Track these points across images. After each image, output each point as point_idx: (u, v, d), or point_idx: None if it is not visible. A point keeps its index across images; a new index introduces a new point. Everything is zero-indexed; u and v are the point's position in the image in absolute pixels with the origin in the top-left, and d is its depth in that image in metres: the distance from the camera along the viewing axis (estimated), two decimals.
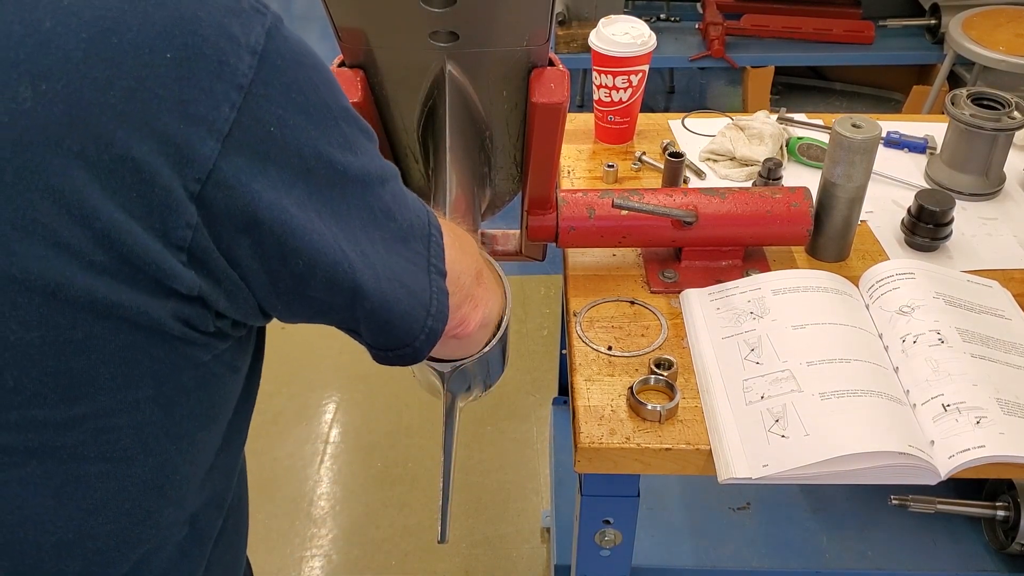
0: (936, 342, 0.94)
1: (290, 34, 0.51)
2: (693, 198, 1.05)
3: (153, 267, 0.46)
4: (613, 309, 1.05)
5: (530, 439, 2.07)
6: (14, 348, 0.45)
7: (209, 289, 0.50)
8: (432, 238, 0.61)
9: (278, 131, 0.49)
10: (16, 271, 0.43)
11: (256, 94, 0.47)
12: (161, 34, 0.45)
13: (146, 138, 0.44)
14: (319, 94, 0.52)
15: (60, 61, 0.43)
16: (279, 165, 0.49)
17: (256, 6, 0.49)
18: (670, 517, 1.35)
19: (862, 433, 0.84)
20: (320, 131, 0.51)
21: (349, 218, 0.54)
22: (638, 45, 1.26)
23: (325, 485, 1.98)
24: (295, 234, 0.51)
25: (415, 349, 0.62)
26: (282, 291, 0.53)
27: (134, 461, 0.52)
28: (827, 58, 2.93)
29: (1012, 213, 1.22)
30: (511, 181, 1.01)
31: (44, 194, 0.43)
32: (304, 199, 0.51)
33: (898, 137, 1.35)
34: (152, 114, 0.44)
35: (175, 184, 0.45)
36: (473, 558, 1.82)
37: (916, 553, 1.30)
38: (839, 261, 1.13)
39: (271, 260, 0.51)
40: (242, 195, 0.48)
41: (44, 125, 0.42)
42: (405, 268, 0.59)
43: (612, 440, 0.88)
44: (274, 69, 0.48)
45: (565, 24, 2.78)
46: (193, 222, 0.47)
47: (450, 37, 0.78)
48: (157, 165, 0.45)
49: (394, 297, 0.58)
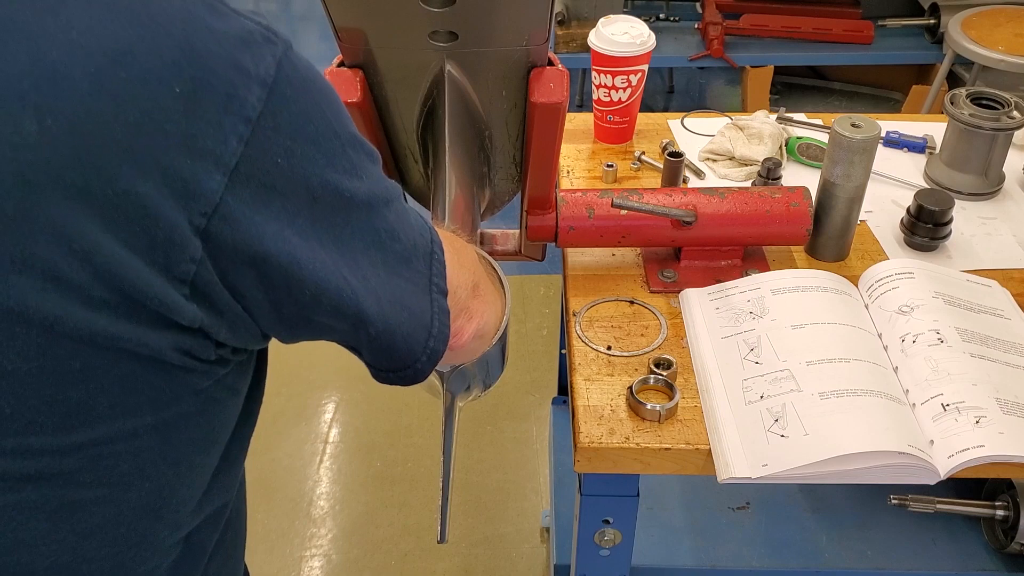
0: (935, 342, 0.94)
1: (299, 60, 0.50)
2: (692, 198, 1.05)
3: (155, 301, 0.46)
4: (612, 309, 1.05)
5: (530, 439, 2.07)
6: (11, 377, 0.45)
7: (211, 321, 0.49)
8: (434, 255, 0.61)
9: (285, 161, 0.48)
10: (13, 303, 0.43)
11: (264, 126, 0.47)
12: (170, 67, 0.44)
13: (151, 173, 0.44)
14: (327, 121, 0.51)
15: (66, 95, 0.42)
16: (285, 195, 0.49)
17: (268, 35, 0.49)
18: (670, 517, 1.35)
19: (861, 433, 0.84)
20: (327, 159, 0.51)
21: (353, 244, 0.54)
22: (637, 45, 1.26)
23: (325, 485, 1.98)
24: (300, 265, 0.50)
25: (416, 370, 0.62)
26: (286, 319, 0.53)
27: (131, 486, 0.52)
28: (826, 58, 2.93)
29: (1011, 213, 1.22)
30: (510, 181, 1.01)
31: (44, 228, 0.42)
32: (308, 228, 0.50)
33: (897, 137, 1.35)
34: (158, 149, 0.44)
35: (180, 219, 0.45)
36: (473, 558, 1.83)
37: (915, 553, 1.30)
38: (838, 261, 1.13)
39: (276, 291, 0.51)
40: (248, 228, 0.47)
41: (47, 160, 0.42)
42: (407, 290, 0.58)
43: (612, 440, 0.89)
44: (283, 99, 0.48)
45: (564, 24, 2.78)
46: (197, 256, 0.46)
47: (449, 37, 0.78)
48: (161, 200, 0.44)
49: (396, 321, 0.58)
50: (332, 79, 0.84)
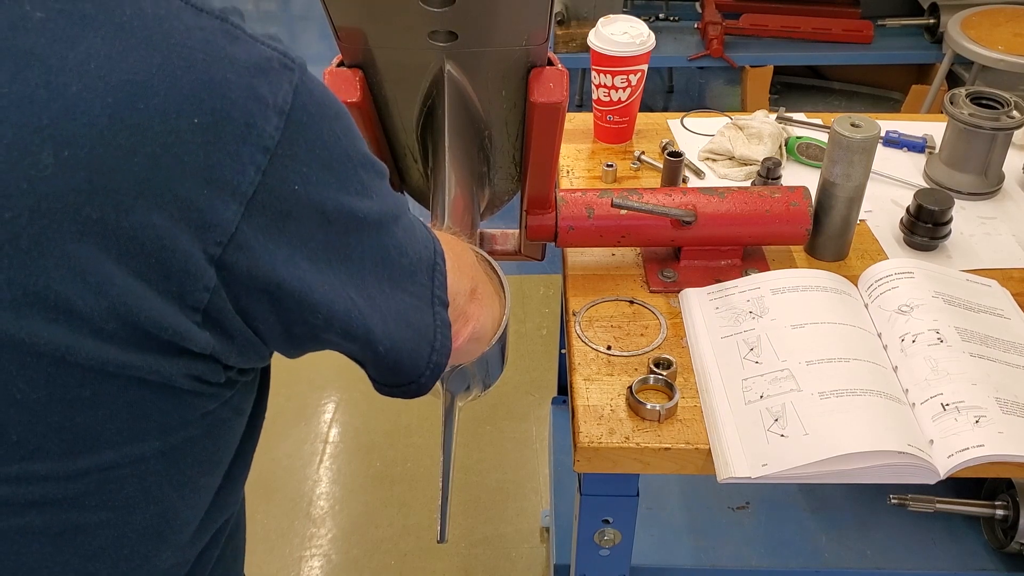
0: (935, 341, 0.94)
1: (314, 84, 0.50)
2: (692, 198, 1.05)
3: (168, 331, 0.46)
4: (612, 309, 1.05)
5: (529, 439, 2.07)
6: (19, 405, 0.45)
7: (222, 347, 0.49)
8: (436, 267, 0.61)
9: (302, 188, 0.48)
10: (24, 335, 0.43)
11: (282, 155, 0.47)
12: (189, 98, 0.44)
13: (167, 205, 0.44)
14: (341, 145, 0.51)
15: (84, 127, 0.41)
16: (299, 221, 0.49)
17: (285, 62, 0.48)
18: (669, 516, 1.35)
19: (861, 432, 0.84)
20: (340, 182, 0.51)
21: (363, 263, 0.54)
22: (637, 45, 1.26)
23: (324, 485, 1.98)
24: (312, 289, 0.51)
25: (419, 385, 0.62)
26: (296, 341, 0.54)
27: (135, 509, 0.52)
28: (826, 57, 2.93)
29: (1011, 212, 1.22)
30: (510, 180, 1.01)
31: (58, 262, 0.42)
32: (320, 251, 0.51)
33: (897, 136, 1.35)
34: (175, 180, 0.44)
35: (195, 249, 0.45)
36: (472, 558, 1.82)
37: (915, 552, 1.30)
38: (838, 260, 1.13)
39: (288, 315, 0.51)
40: (262, 255, 0.48)
41: (63, 193, 0.41)
42: (411, 306, 0.59)
43: (611, 440, 0.89)
44: (300, 127, 0.48)
45: (564, 24, 2.78)
46: (212, 285, 0.46)
47: (449, 37, 0.78)
48: (177, 232, 0.44)
49: (402, 338, 0.58)
50: (332, 79, 0.84)
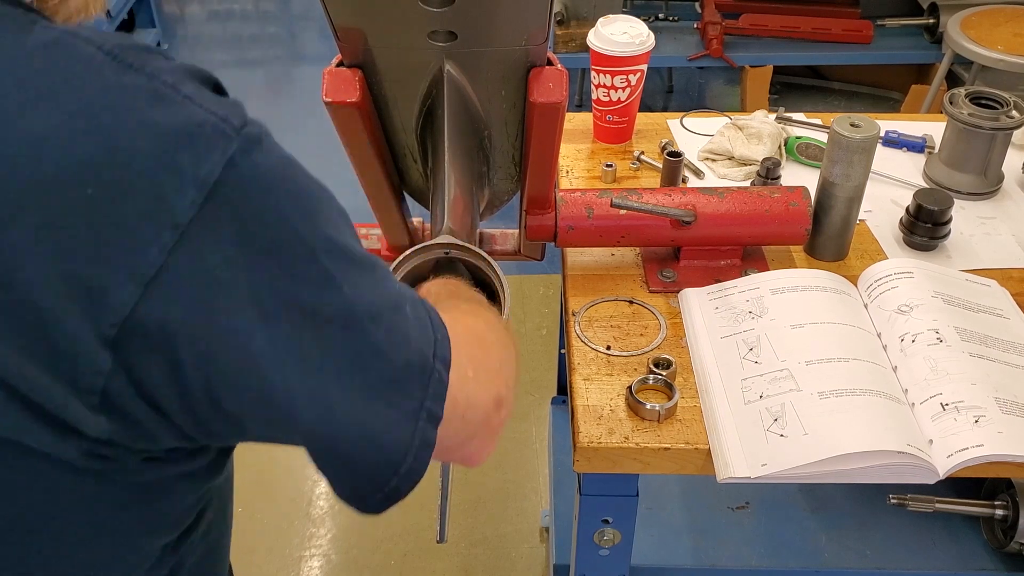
0: (935, 341, 0.94)
1: (266, 157, 0.45)
2: (692, 198, 1.05)
3: (58, 409, 0.43)
4: (612, 309, 1.05)
5: (529, 439, 2.07)
6: None
7: (124, 432, 0.46)
8: (435, 375, 0.52)
9: (227, 273, 0.44)
10: None
11: (197, 233, 0.43)
12: (84, 166, 0.41)
13: (52, 281, 0.41)
14: (289, 227, 0.46)
15: None
16: (228, 311, 0.44)
17: (221, 127, 0.44)
18: (669, 516, 1.35)
19: (861, 432, 0.84)
20: (286, 269, 0.46)
21: (322, 362, 0.47)
22: (636, 45, 1.26)
23: (324, 484, 1.98)
24: (240, 377, 0.46)
25: (366, 506, 0.54)
26: (216, 434, 0.49)
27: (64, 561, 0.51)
28: (825, 57, 2.93)
29: (1010, 212, 1.22)
30: (510, 180, 1.01)
31: None
32: (260, 345, 0.45)
33: (896, 136, 1.35)
34: (61, 255, 0.41)
35: (84, 330, 0.42)
36: (472, 558, 1.82)
37: (915, 552, 1.30)
38: (837, 260, 1.13)
39: (200, 404, 0.46)
40: (167, 341, 0.43)
41: None
42: (385, 418, 0.50)
43: (611, 440, 0.89)
44: (227, 204, 0.43)
45: (563, 23, 2.78)
46: (106, 368, 0.43)
47: (449, 37, 0.78)
48: (62, 310, 0.41)
49: (359, 454, 0.50)
50: (331, 79, 0.84)
